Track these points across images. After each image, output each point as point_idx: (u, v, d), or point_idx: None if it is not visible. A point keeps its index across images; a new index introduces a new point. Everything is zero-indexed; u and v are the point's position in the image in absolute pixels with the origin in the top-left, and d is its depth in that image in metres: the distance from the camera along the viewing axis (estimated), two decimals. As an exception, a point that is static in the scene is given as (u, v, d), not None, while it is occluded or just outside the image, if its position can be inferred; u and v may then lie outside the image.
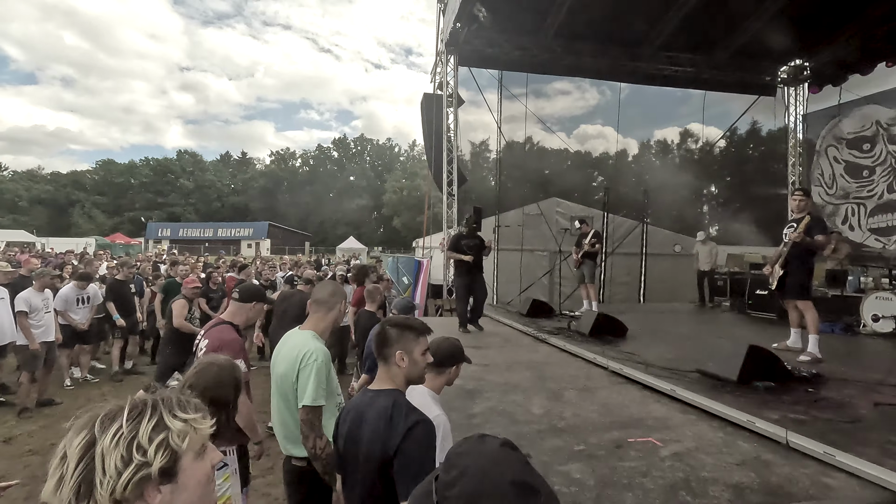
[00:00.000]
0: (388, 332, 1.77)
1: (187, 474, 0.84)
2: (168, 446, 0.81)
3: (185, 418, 0.84)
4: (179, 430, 0.83)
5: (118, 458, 0.77)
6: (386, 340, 1.76)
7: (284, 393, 2.18)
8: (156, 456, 0.79)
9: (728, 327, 7.51)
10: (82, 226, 54.65)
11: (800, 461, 2.70)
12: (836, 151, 10.94)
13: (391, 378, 1.76)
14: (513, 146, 16.74)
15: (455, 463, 0.97)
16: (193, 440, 0.85)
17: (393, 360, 1.74)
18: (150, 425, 0.81)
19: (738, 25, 10.04)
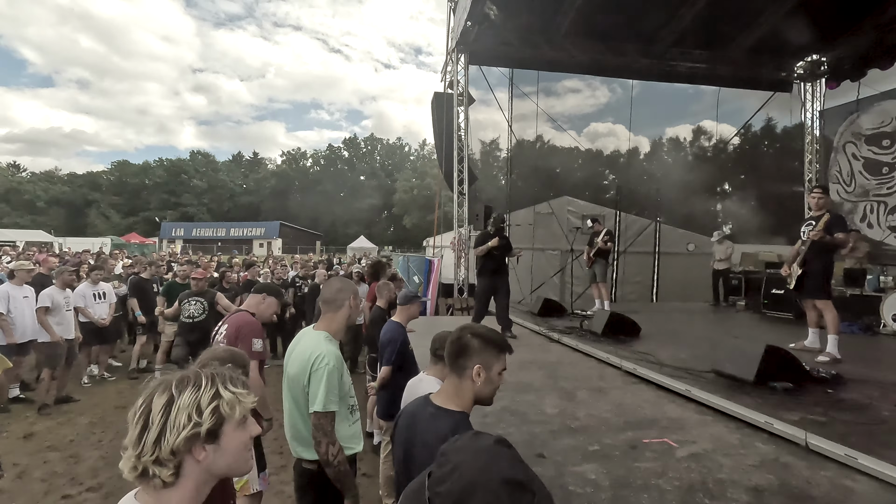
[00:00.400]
0: (470, 341, 1.59)
1: (228, 438, 0.99)
2: (218, 411, 0.97)
3: (234, 391, 1.00)
4: (229, 400, 0.98)
5: (186, 415, 0.94)
6: (465, 350, 1.58)
7: (295, 395, 2.14)
8: (208, 418, 0.95)
9: (744, 327, 7.41)
10: (98, 226, 55.57)
11: (820, 463, 2.65)
12: (855, 148, 10.72)
13: (460, 394, 1.59)
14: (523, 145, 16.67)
15: (448, 459, 0.97)
16: (238, 410, 1.00)
17: (468, 374, 1.57)
18: (210, 392, 0.97)
19: (753, 20, 9.87)
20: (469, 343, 1.59)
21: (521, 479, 0.91)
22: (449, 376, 1.64)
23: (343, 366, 2.16)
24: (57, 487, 4.05)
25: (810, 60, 11.40)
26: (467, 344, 1.59)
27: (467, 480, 0.89)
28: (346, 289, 2.29)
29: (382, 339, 3.71)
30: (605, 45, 10.42)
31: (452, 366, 1.61)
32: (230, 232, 53.02)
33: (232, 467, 1.02)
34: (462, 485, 0.89)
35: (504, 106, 10.93)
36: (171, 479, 0.93)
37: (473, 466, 0.92)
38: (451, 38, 10.16)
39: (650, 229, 11.87)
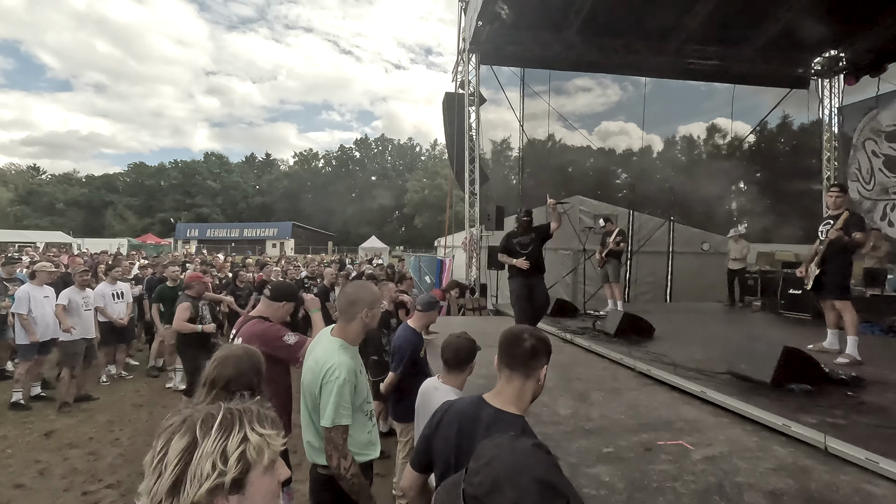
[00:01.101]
0: (539, 346, 1.60)
1: (255, 487, 0.86)
2: (245, 458, 0.84)
3: (262, 433, 0.88)
4: (257, 444, 0.86)
5: (209, 465, 0.81)
6: (537, 353, 1.59)
7: (308, 403, 2.12)
8: (234, 467, 0.83)
9: (760, 328, 7.29)
10: (115, 227, 56.55)
11: (840, 467, 2.60)
12: (875, 145, 10.50)
13: (522, 397, 1.58)
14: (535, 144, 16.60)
15: (485, 454, 0.99)
16: (266, 455, 0.88)
17: (535, 376, 1.59)
18: (238, 436, 0.85)
19: (769, 16, 9.73)
20: (539, 348, 1.60)
21: (554, 483, 0.91)
22: (511, 378, 1.60)
23: (357, 376, 2.08)
24: (77, 484, 4.13)
25: (828, 56, 11.20)
26: (538, 347, 1.60)
27: (499, 474, 0.89)
28: (361, 301, 2.17)
29: (394, 345, 3.72)
30: (617, 42, 10.35)
31: (520, 368, 1.59)
32: (243, 232, 53.59)
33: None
34: (493, 477, 0.89)
35: (515, 105, 10.93)
36: None
37: (508, 462, 0.92)
38: (462, 37, 10.16)
39: (664, 228, 11.74)
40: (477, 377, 4.34)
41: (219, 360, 1.75)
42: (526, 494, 0.85)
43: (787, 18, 9.58)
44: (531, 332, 1.64)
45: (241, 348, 1.87)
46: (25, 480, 4.17)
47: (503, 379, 1.62)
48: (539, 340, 1.62)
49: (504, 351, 1.63)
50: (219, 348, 1.89)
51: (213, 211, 62.35)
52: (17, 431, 5.22)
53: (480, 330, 7.12)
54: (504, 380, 1.62)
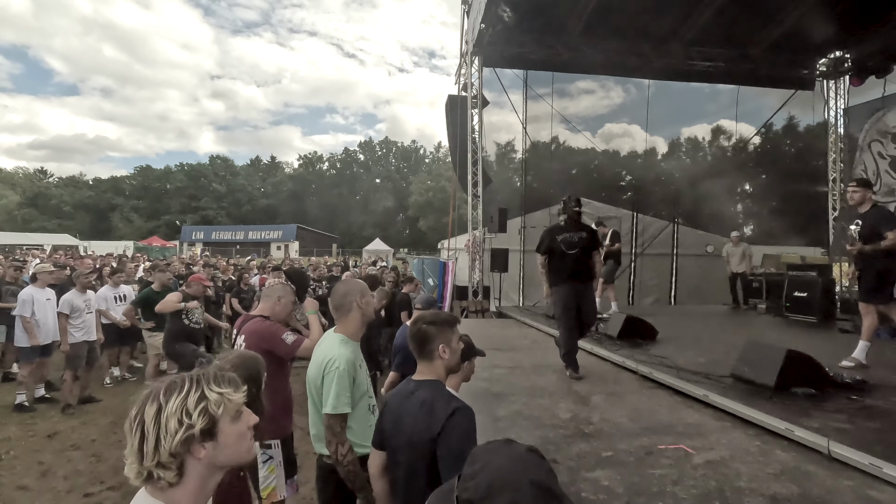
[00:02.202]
0: (428, 329, 1.85)
1: (225, 433, 1.04)
2: (207, 412, 1.01)
3: (219, 391, 1.04)
4: (216, 400, 1.03)
5: (175, 422, 0.98)
6: (427, 337, 1.84)
7: (313, 396, 2.23)
8: (198, 420, 0.99)
9: (765, 331, 7.23)
10: (121, 229, 56.93)
11: (843, 472, 2.57)
12: (881, 146, 10.40)
13: (434, 370, 1.85)
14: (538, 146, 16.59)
15: (479, 458, 0.99)
16: (228, 407, 1.04)
17: (437, 354, 1.84)
18: (195, 396, 1.01)
19: (774, 16, 9.67)
20: (428, 331, 1.84)
21: (549, 485, 0.91)
22: (422, 361, 1.87)
23: (356, 368, 2.18)
24: (79, 486, 4.15)
25: (833, 57, 11.12)
26: (427, 332, 1.84)
27: (494, 478, 0.90)
28: (352, 291, 2.32)
29: (395, 344, 3.72)
30: (620, 44, 10.33)
31: (422, 353, 1.86)
32: (248, 235, 53.77)
33: (234, 458, 1.08)
34: (489, 481, 0.89)
35: (518, 108, 10.92)
36: (176, 479, 1.00)
37: (502, 466, 0.92)
38: (465, 40, 10.18)
39: (668, 230, 11.69)
40: (477, 379, 4.33)
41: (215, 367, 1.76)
42: (522, 497, 0.85)
43: (792, 20, 9.52)
44: (421, 323, 1.88)
45: (239, 357, 1.87)
46: (28, 482, 4.19)
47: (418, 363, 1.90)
48: (428, 324, 1.86)
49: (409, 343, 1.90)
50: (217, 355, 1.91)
51: (219, 213, 62.64)
52: (21, 433, 5.25)
53: (483, 333, 7.12)
54: (419, 364, 1.89)
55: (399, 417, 1.80)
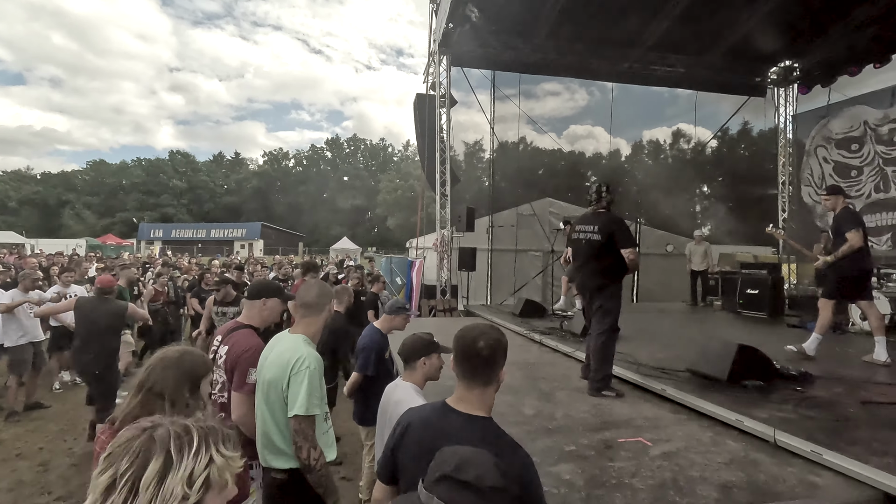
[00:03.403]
0: (497, 351, 1.55)
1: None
2: (208, 480, 0.84)
3: (226, 455, 0.88)
4: (220, 467, 0.86)
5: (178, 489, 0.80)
6: (494, 360, 1.54)
7: (271, 401, 2.09)
8: (196, 491, 0.82)
9: (719, 326, 7.56)
10: (73, 227, 54.10)
11: (787, 460, 2.72)
12: (826, 151, 11.04)
13: (484, 399, 1.55)
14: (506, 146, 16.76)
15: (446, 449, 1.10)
16: (225, 477, 0.88)
17: (495, 380, 1.56)
18: (205, 460, 0.85)
19: (728, 26, 10.10)
20: (496, 352, 1.55)
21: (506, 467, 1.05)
22: (472, 386, 1.55)
23: (323, 369, 2.12)
24: (25, 497, 3.94)
25: (783, 66, 11.71)
26: (495, 354, 1.54)
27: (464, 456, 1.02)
28: (327, 293, 2.28)
29: (359, 345, 3.68)
30: (585, 48, 10.56)
31: (480, 376, 1.54)
32: (211, 233, 52.12)
33: None
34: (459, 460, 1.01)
35: (486, 108, 11.00)
36: None
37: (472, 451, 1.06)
38: (433, 39, 10.18)
39: (630, 230, 12.03)
40: (445, 378, 4.35)
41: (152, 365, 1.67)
42: (486, 472, 0.97)
43: (745, 29, 9.97)
44: (486, 337, 1.56)
45: (177, 351, 1.74)
46: (-33, 495, 3.95)
47: (463, 385, 1.57)
48: (496, 344, 1.56)
49: (460, 359, 1.57)
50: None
51: (179, 211, 60.47)
52: (-40, 443, 4.94)
53: (451, 332, 7.13)
54: (464, 387, 1.57)
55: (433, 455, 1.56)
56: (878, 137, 9.91)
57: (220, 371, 2.53)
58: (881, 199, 9.84)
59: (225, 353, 2.53)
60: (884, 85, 10.03)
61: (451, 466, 0.97)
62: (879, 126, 9.90)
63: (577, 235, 4.28)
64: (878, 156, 9.93)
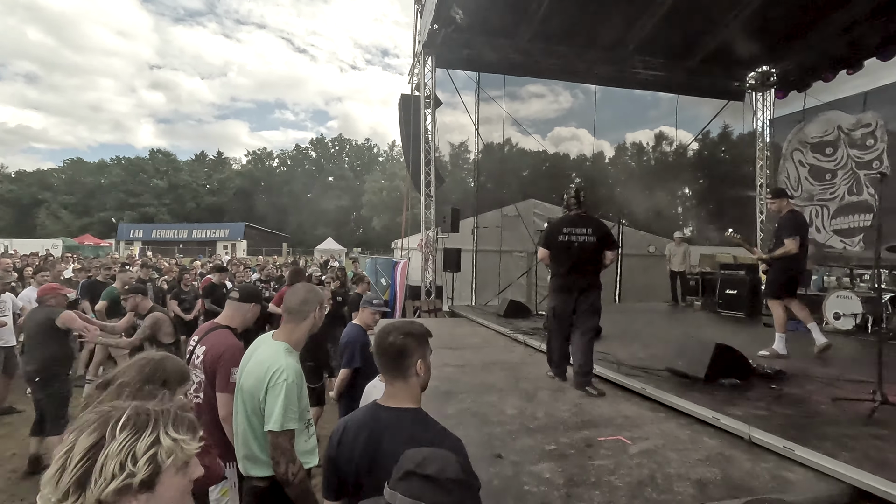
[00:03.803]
0: (406, 342, 1.60)
1: (165, 486, 0.89)
2: (155, 461, 0.87)
3: (175, 437, 0.90)
4: (168, 448, 0.89)
5: (116, 466, 0.83)
6: (405, 352, 1.59)
7: (249, 410, 2.05)
8: (143, 468, 0.85)
9: (699, 326, 7.70)
10: (49, 227, 52.75)
11: (761, 456, 2.79)
12: (801, 155, 11.32)
13: (410, 392, 1.61)
14: (491, 148, 16.82)
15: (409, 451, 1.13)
16: (178, 458, 0.91)
17: (413, 371, 1.60)
18: (149, 439, 0.87)
19: (708, 31, 10.30)
20: (408, 344, 1.60)
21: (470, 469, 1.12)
22: (393, 381, 1.62)
23: (302, 380, 2.07)
24: (-4, 504, 3.84)
25: (761, 71, 11.98)
26: (406, 345, 1.60)
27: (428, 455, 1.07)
28: (313, 299, 2.20)
29: (341, 343, 3.68)
30: (568, 50, 10.67)
31: (397, 370, 1.61)
32: (192, 233, 51.27)
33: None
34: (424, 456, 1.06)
35: (471, 109, 11.02)
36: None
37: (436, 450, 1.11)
38: (418, 40, 10.18)
39: (613, 231, 12.17)
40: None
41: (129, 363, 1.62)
42: (448, 466, 1.02)
43: (724, 35, 10.17)
44: (397, 332, 1.62)
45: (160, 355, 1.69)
46: (-66, 503, 3.83)
47: (388, 382, 1.64)
48: (405, 337, 1.61)
49: (376, 355, 1.64)
50: None
51: (160, 210, 59.34)
52: (-73, 450, 4.78)
53: (435, 332, 7.12)
54: (389, 382, 1.64)
55: (371, 457, 1.49)
56: (852, 142, 10.19)
57: (198, 371, 2.50)
58: (854, 201, 10.12)
59: (202, 353, 2.50)
60: (856, 91, 10.32)
61: (414, 463, 1.02)
62: (852, 131, 10.18)
63: (568, 238, 4.20)
64: (851, 159, 10.21)
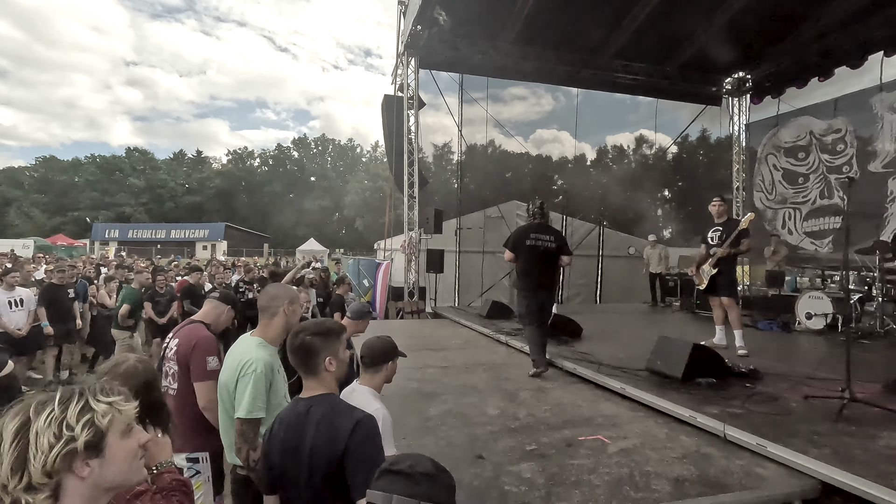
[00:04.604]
0: (312, 341, 1.69)
1: (113, 450, 0.94)
2: (94, 424, 0.91)
3: (108, 401, 0.95)
4: (104, 411, 0.93)
5: (50, 436, 0.86)
6: (312, 350, 1.69)
7: (226, 402, 2.13)
8: (82, 432, 0.89)
9: (677, 326, 7.84)
10: (20, 226, 51.11)
11: (735, 453, 2.86)
12: (775, 159, 11.63)
13: (323, 384, 1.71)
14: (475, 149, 16.89)
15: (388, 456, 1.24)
16: (117, 420, 0.95)
17: (322, 368, 1.70)
18: (77, 407, 0.91)
19: (686, 37, 10.51)
20: (313, 344, 1.69)
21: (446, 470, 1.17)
22: (306, 376, 1.71)
23: (274, 374, 2.12)
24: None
25: (737, 77, 12.28)
26: (311, 345, 1.68)
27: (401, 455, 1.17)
28: (282, 295, 2.28)
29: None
30: (551, 53, 10.77)
31: (307, 367, 1.69)
32: (171, 234, 50.21)
33: (123, 479, 0.97)
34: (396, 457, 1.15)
35: (454, 110, 11.05)
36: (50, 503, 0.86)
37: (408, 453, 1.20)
38: (401, 40, 10.17)
39: (594, 233, 12.35)
40: (409, 380, 4.35)
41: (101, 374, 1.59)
42: (419, 462, 1.10)
43: (702, 41, 10.40)
44: (306, 332, 1.72)
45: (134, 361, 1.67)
46: None
47: (304, 378, 1.74)
48: (312, 337, 1.69)
49: (290, 354, 1.73)
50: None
51: (137, 210, 57.98)
52: None
53: (417, 333, 7.16)
54: (304, 378, 1.73)
55: (294, 446, 1.60)
56: (823, 146, 10.52)
57: (171, 362, 2.55)
58: (825, 204, 10.44)
59: (175, 346, 2.58)
60: (827, 97, 10.67)
61: (388, 463, 1.11)
62: (824, 136, 10.51)
63: (534, 243, 4.86)
64: (822, 164, 10.54)
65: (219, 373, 2.43)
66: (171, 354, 2.58)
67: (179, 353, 2.55)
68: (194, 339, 2.57)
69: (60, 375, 6.97)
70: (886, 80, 9.44)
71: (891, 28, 8.93)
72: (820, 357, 5.30)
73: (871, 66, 9.61)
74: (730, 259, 5.40)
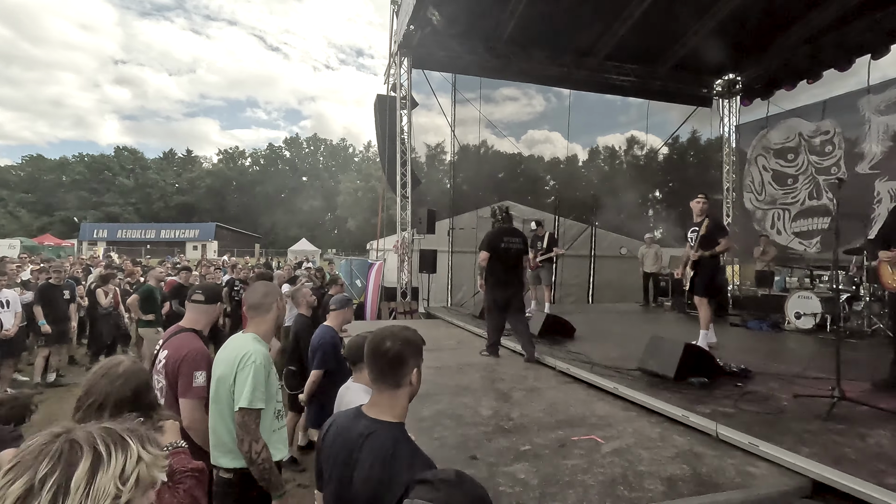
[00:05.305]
0: (405, 349, 1.51)
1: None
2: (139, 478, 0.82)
3: (154, 453, 0.87)
4: (150, 463, 0.85)
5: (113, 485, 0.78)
6: (402, 360, 1.49)
7: (220, 398, 2.11)
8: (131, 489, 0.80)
9: (669, 326, 7.89)
10: (6, 226, 50.30)
11: (727, 452, 2.88)
12: (765, 160, 11.75)
13: (397, 401, 1.51)
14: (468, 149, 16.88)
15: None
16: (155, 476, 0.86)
17: (408, 380, 1.51)
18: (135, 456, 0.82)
19: (677, 39, 10.59)
20: (405, 352, 1.51)
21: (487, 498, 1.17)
22: (381, 389, 1.53)
23: (271, 366, 2.14)
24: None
25: (727, 79, 12.38)
26: (403, 353, 1.50)
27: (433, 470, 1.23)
28: (272, 292, 2.32)
29: (312, 344, 3.63)
30: (543, 54, 10.80)
31: (389, 377, 1.50)
32: (160, 234, 49.65)
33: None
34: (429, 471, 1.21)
35: (447, 110, 11.05)
36: None
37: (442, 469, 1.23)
38: (394, 40, 10.14)
39: (587, 233, 12.41)
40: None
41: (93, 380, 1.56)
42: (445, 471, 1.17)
43: (693, 43, 10.48)
44: (394, 338, 1.53)
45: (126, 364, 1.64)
46: None
47: (375, 389, 1.55)
48: (403, 343, 1.52)
49: (369, 360, 1.55)
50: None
51: (126, 210, 57.33)
52: None
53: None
54: (376, 390, 1.55)
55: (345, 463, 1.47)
56: (811, 148, 10.64)
57: (160, 375, 2.44)
58: (814, 205, 10.56)
59: (165, 358, 2.45)
60: (816, 99, 10.79)
61: (419, 475, 1.17)
62: (812, 138, 10.63)
63: (507, 245, 5.37)
64: (811, 165, 10.66)
65: (205, 389, 2.33)
66: (160, 367, 2.46)
67: (168, 365, 2.44)
68: (184, 351, 2.45)
69: (48, 378, 6.86)
70: (874, 82, 9.57)
71: (877, 32, 9.07)
72: (809, 356, 5.36)
73: (859, 68, 9.74)
74: (706, 260, 5.46)
